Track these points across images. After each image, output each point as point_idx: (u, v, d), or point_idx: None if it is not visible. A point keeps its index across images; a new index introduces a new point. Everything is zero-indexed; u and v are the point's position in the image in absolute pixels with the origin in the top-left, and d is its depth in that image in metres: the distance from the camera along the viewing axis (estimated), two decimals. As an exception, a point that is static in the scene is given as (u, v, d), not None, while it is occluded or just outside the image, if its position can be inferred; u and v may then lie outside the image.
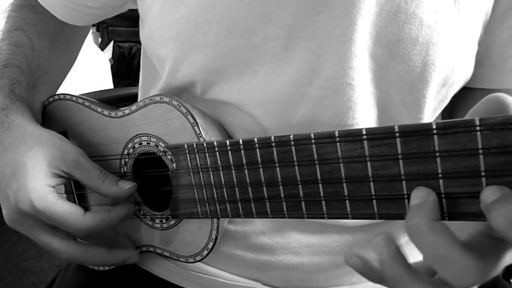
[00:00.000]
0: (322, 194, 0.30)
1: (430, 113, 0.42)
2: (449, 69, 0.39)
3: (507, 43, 0.43)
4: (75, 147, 0.43)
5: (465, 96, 0.45)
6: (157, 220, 0.44)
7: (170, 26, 0.41)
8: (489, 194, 0.23)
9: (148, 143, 0.43)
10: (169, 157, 0.40)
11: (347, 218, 0.30)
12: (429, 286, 0.26)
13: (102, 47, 2.04)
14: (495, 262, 0.25)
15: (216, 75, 0.41)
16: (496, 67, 0.44)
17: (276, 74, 0.39)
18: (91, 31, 0.74)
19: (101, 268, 0.50)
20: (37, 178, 0.40)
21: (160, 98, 0.41)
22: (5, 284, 0.94)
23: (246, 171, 0.34)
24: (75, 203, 0.49)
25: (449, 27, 0.38)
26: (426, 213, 0.25)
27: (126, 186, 0.42)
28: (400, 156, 0.26)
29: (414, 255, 0.28)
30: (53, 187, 0.41)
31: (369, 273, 0.28)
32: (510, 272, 0.64)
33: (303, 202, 0.32)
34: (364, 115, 0.40)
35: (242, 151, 0.34)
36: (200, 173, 0.38)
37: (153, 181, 0.45)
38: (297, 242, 0.45)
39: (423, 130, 0.25)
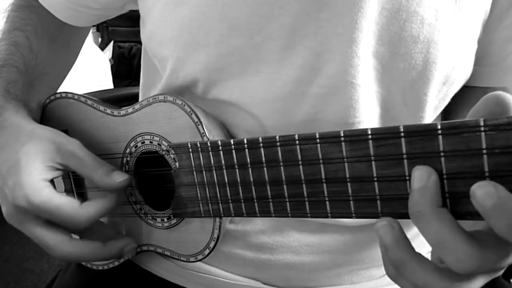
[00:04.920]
0: (326, 193, 0.31)
1: (431, 112, 0.42)
2: (449, 67, 0.40)
3: (506, 41, 0.43)
4: (71, 138, 0.43)
5: (464, 94, 0.45)
6: (159, 219, 0.45)
7: (172, 26, 0.41)
8: (485, 197, 0.23)
9: (151, 142, 0.43)
10: (172, 156, 0.41)
11: (351, 217, 0.30)
12: (432, 271, 0.27)
13: (102, 47, 2.03)
14: (498, 256, 0.26)
15: (218, 74, 0.41)
16: (495, 65, 0.45)
17: (278, 73, 0.39)
18: (91, 31, 0.74)
19: (100, 267, 0.50)
20: (32, 174, 0.40)
21: (164, 97, 0.41)
22: (5, 284, 0.94)
23: (250, 170, 0.34)
24: None
25: (450, 25, 0.39)
26: (429, 199, 0.26)
27: (119, 178, 0.42)
28: (404, 156, 0.27)
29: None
30: (50, 181, 0.41)
31: None
32: (510, 272, 0.65)
33: (307, 202, 0.32)
34: (366, 114, 0.40)
35: (246, 150, 0.34)
36: (203, 172, 0.38)
37: (155, 180, 0.45)
38: (297, 241, 0.45)
39: (428, 130, 0.26)
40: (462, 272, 0.25)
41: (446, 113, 0.47)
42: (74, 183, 0.49)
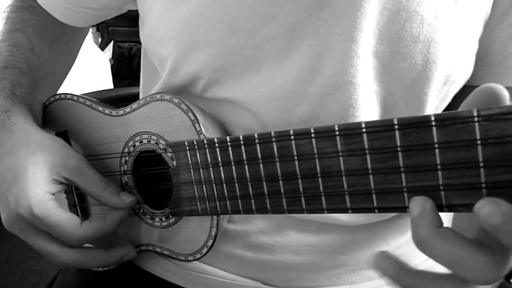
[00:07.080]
0: (321, 188, 0.31)
1: (431, 112, 0.42)
2: (450, 66, 0.40)
3: (507, 41, 0.43)
4: (77, 154, 0.43)
5: (464, 93, 0.45)
6: (157, 219, 0.45)
7: (171, 25, 0.41)
8: (490, 214, 0.23)
9: (149, 141, 0.43)
10: (170, 154, 0.41)
11: (347, 212, 0.30)
12: (444, 283, 0.26)
13: (102, 47, 2.04)
14: (508, 252, 0.25)
15: (219, 73, 0.41)
16: (496, 65, 0.44)
17: (278, 71, 0.39)
18: (91, 31, 0.75)
19: (100, 268, 0.50)
20: (38, 185, 0.40)
21: (161, 96, 0.41)
22: (5, 284, 0.94)
23: (246, 166, 0.34)
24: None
25: (450, 25, 0.38)
26: (427, 222, 0.25)
27: (127, 198, 0.43)
28: (399, 149, 0.27)
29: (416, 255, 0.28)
30: (53, 194, 0.41)
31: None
32: (510, 272, 0.64)
33: (303, 197, 0.32)
34: (366, 113, 0.40)
35: (242, 146, 0.34)
36: (200, 169, 0.38)
37: (153, 179, 0.45)
38: (297, 242, 0.45)
39: (422, 122, 0.26)
40: (490, 283, 0.25)
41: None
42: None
